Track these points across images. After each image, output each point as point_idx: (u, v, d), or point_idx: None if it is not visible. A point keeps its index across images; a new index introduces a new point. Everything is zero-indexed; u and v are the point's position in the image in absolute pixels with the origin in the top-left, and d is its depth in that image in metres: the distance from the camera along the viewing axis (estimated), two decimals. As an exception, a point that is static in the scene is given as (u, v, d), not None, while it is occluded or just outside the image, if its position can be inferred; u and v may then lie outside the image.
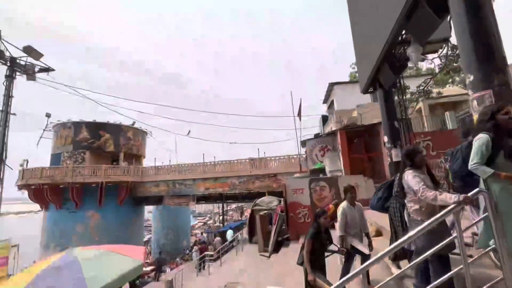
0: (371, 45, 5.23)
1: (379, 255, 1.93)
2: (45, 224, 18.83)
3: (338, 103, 16.07)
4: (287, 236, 9.21)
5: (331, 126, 15.67)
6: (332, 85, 16.49)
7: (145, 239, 28.04)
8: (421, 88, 8.78)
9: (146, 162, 24.50)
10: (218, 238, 14.38)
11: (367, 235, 3.54)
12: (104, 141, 20.64)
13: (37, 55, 8.90)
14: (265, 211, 10.48)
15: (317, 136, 11.59)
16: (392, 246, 2.00)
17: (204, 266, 12.58)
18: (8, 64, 8.46)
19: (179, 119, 20.47)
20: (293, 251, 7.21)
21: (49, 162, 20.33)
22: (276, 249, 8.88)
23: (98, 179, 18.07)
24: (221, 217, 33.15)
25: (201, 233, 29.92)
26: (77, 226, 17.99)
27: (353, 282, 2.33)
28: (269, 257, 8.70)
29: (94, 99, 12.02)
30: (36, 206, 21.58)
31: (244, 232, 12.35)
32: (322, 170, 10.19)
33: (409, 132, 6.14)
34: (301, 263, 3.22)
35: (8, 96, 8.29)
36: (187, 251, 23.40)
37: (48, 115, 19.09)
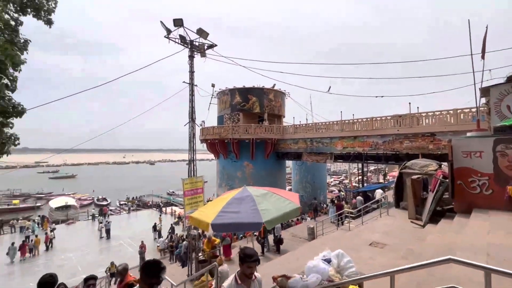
0: None
1: None
2: (217, 169, 25.19)
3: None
4: (450, 207, 7.63)
5: (540, 63, 10.48)
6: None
7: (286, 189, 31.87)
8: None
9: (286, 121, 26.63)
10: (359, 198, 14.06)
11: None
12: (251, 104, 23.96)
13: (205, 34, 11.22)
14: (419, 175, 9.01)
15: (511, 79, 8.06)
16: None
17: (342, 222, 12.88)
18: (189, 47, 11.28)
19: (317, 75, 20.28)
20: (459, 225, 5.92)
21: (216, 122, 26.22)
22: (433, 220, 7.64)
23: (249, 136, 21.65)
24: (358, 178, 31.95)
25: (339, 191, 30.32)
26: (237, 172, 22.89)
27: None
28: (423, 226, 7.66)
29: (246, 66, 13.96)
30: (211, 156, 28.98)
31: (389, 196, 11.34)
32: (516, 128, 7.24)
33: None
34: None
35: (191, 72, 11.18)
36: (324, 205, 24.68)
37: (213, 85, 24.04)
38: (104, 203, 37.87)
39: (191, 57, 11.23)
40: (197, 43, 11.40)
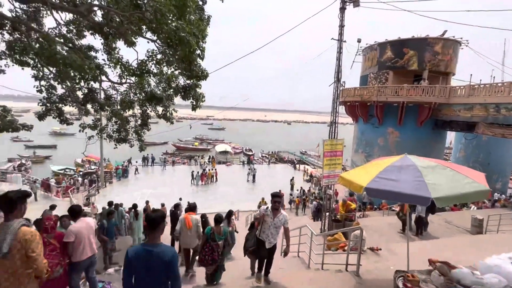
0: None
1: None
2: (355, 133, 23.68)
3: None
4: None
5: None
6: None
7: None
8: None
9: (458, 79, 20.54)
10: None
11: None
12: (407, 59, 19.79)
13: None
14: None
15: None
16: None
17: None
18: (340, -2, 10.28)
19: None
20: None
21: (358, 82, 23.92)
22: None
23: (399, 98, 18.44)
24: None
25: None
26: (378, 139, 20.62)
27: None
28: None
29: (410, 10, 11.16)
30: (346, 119, 27.48)
31: None
32: None
33: None
34: None
35: (341, 26, 10.34)
36: (503, 196, 18.47)
37: (359, 41, 21.45)
38: (250, 153, 45.39)
39: (342, 10, 10.24)
40: (349, -9, 10.16)
